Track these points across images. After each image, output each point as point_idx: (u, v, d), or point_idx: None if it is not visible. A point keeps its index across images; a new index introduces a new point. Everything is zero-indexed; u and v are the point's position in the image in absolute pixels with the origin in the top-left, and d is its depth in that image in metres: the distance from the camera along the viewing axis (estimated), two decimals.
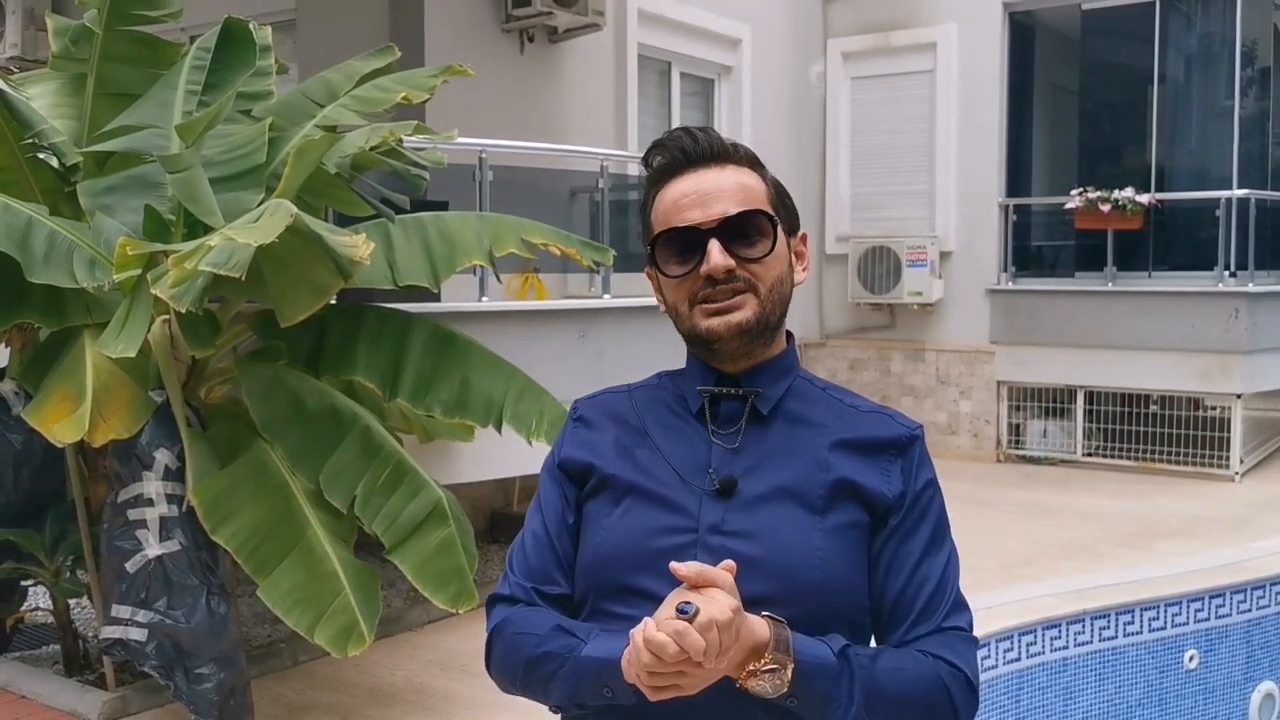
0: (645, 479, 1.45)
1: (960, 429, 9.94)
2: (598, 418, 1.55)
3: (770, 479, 1.42)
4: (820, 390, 1.53)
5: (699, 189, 1.44)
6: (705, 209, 1.42)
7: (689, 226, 1.42)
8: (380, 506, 3.93)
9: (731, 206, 1.43)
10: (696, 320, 1.44)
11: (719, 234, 1.42)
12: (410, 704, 4.46)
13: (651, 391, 1.56)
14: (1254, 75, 9.57)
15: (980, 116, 9.77)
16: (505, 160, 6.14)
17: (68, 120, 4.42)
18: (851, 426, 1.47)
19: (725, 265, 1.41)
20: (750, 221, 1.44)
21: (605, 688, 1.34)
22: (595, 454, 1.51)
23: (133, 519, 3.83)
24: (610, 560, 1.44)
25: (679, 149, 1.47)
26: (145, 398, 3.87)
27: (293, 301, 3.77)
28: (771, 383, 1.48)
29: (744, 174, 1.47)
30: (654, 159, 1.49)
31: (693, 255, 1.43)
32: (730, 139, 1.50)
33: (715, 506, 1.41)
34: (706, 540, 1.39)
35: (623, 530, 1.44)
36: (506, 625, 1.49)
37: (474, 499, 6.58)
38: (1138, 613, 5.51)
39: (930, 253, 9.67)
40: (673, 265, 1.45)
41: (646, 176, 1.52)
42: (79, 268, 3.81)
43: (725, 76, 9.61)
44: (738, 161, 1.48)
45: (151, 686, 4.28)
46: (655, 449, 1.47)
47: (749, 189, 1.46)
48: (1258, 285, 8.88)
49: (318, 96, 4.58)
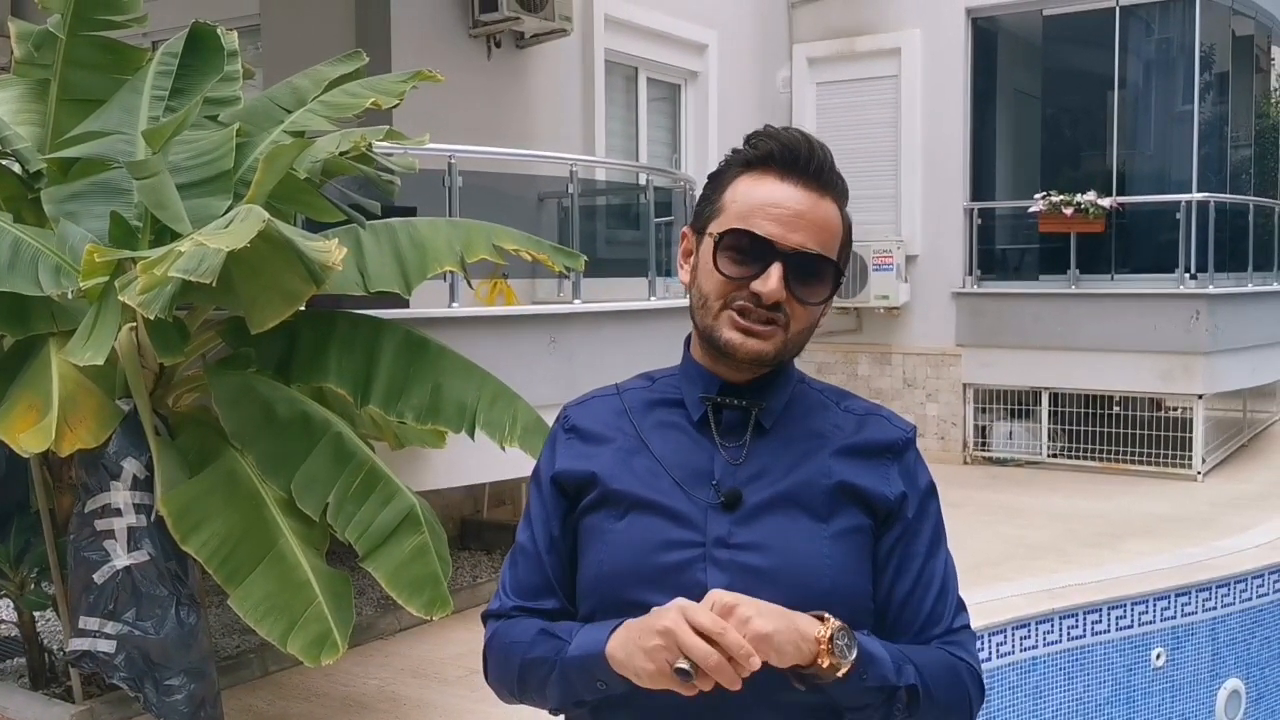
0: (647, 490, 1.42)
1: (927, 431, 10.00)
2: (592, 426, 1.51)
3: (773, 488, 1.41)
4: (818, 394, 1.52)
5: (793, 206, 1.39)
6: (789, 230, 1.38)
7: (766, 239, 1.38)
8: (353, 514, 3.89)
9: (812, 242, 1.39)
10: (722, 326, 1.41)
11: (788, 262, 1.38)
12: (382, 712, 4.43)
13: (642, 394, 1.52)
14: (1212, 80, 9.71)
15: (944, 121, 9.85)
16: (474, 166, 6.12)
17: (31, 126, 4.35)
18: (850, 431, 1.47)
19: (778, 296, 1.38)
20: (822, 267, 1.41)
21: (597, 681, 1.34)
22: (596, 465, 1.47)
23: (100, 529, 3.78)
24: (616, 576, 1.41)
25: (792, 150, 1.41)
26: (112, 406, 3.82)
27: (263, 308, 3.74)
28: (774, 394, 1.47)
29: (835, 214, 1.43)
30: (762, 144, 1.43)
31: (752, 265, 1.39)
32: (835, 166, 1.45)
33: (721, 519, 1.39)
34: (714, 554, 1.37)
35: (628, 545, 1.41)
36: (496, 638, 1.51)
37: (444, 506, 6.54)
38: (1105, 612, 5.56)
39: (896, 257, 9.74)
40: (728, 263, 1.40)
41: (738, 151, 1.45)
42: (44, 275, 3.75)
43: (692, 82, 9.63)
44: (835, 197, 1.43)
45: (120, 699, 4.23)
46: (655, 459, 1.44)
47: (832, 230, 1.42)
48: (1218, 287, 9.02)
49: (285, 102, 4.54)
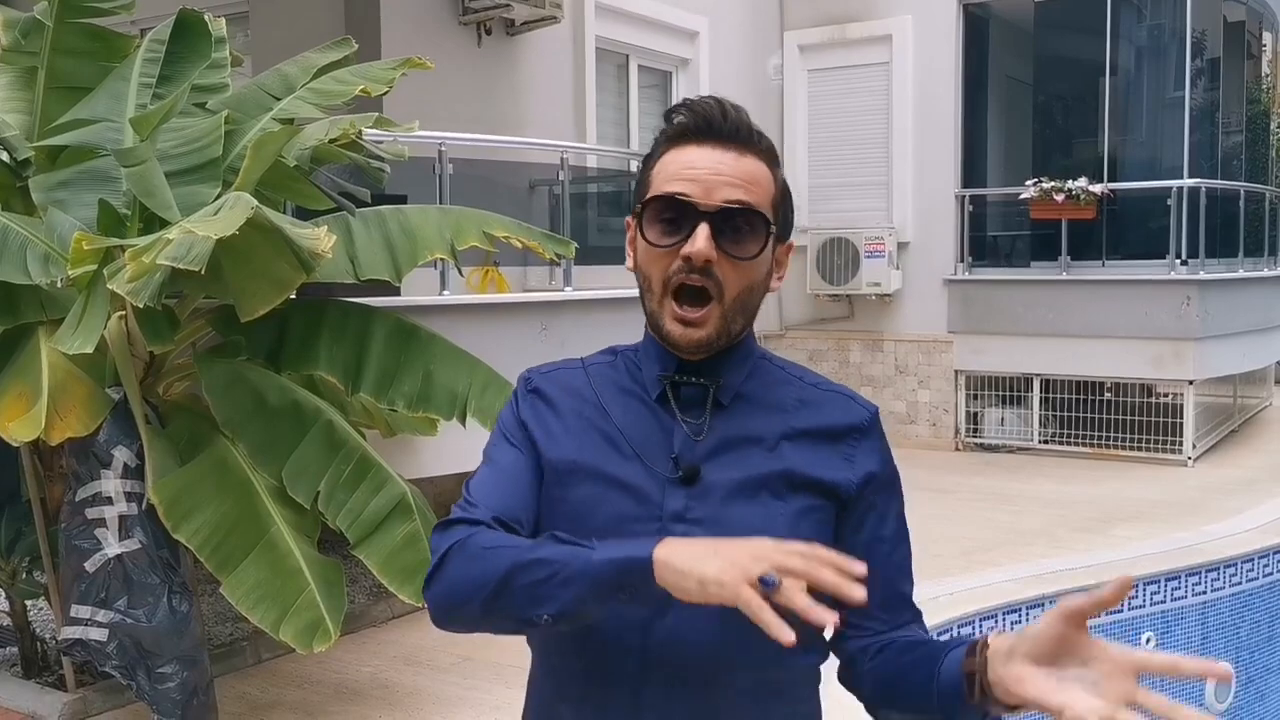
0: (605, 463, 1.41)
1: (919, 418, 10.02)
2: (554, 393, 1.48)
3: (731, 465, 1.40)
4: (780, 369, 1.50)
5: (712, 165, 1.36)
6: (710, 189, 1.35)
7: (686, 200, 1.36)
8: (344, 502, 3.90)
9: (737, 196, 1.36)
10: (663, 316, 1.39)
11: (713, 219, 1.35)
12: (375, 699, 4.44)
13: (606, 369, 1.50)
14: (1203, 66, 9.72)
15: (936, 108, 9.84)
16: (464, 153, 6.11)
17: (19, 114, 4.34)
18: (812, 410, 1.45)
19: (707, 254, 1.34)
20: (747, 219, 1.37)
21: (623, 591, 1.22)
22: (549, 437, 1.44)
23: (91, 518, 3.78)
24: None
25: (704, 117, 1.39)
26: (102, 395, 3.81)
27: (253, 296, 3.74)
28: (731, 370, 1.44)
29: (759, 167, 1.39)
30: (676, 117, 1.41)
31: (680, 230, 1.36)
32: (758, 128, 1.43)
33: (677, 494, 1.38)
34: (670, 529, 1.36)
35: (586, 518, 1.39)
36: (474, 540, 1.32)
37: (435, 493, 6.54)
38: None
39: (888, 244, 9.74)
40: (656, 233, 1.38)
41: (661, 131, 1.43)
42: (33, 264, 3.75)
43: (683, 69, 9.62)
44: (757, 153, 1.40)
45: (113, 687, 4.23)
46: (616, 429, 1.43)
47: (759, 185, 1.39)
48: (1208, 273, 9.04)
49: (274, 89, 4.52)
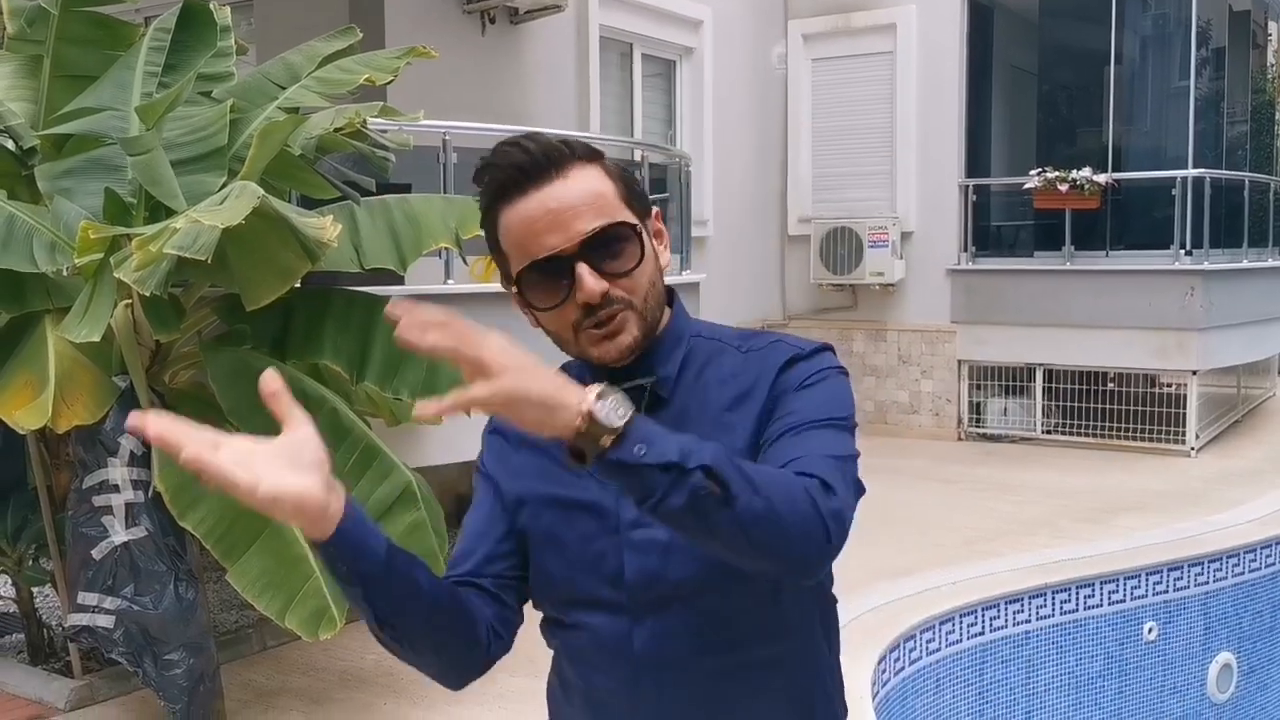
0: (563, 489, 1.43)
1: (921, 408, 10.03)
2: (511, 429, 1.47)
3: None
4: (714, 343, 1.46)
5: (549, 208, 1.31)
6: (563, 231, 1.31)
7: (550, 256, 1.32)
8: (349, 490, 3.90)
9: (590, 222, 1.32)
10: (586, 348, 1.38)
11: (584, 256, 1.31)
12: (381, 687, 4.46)
13: None
14: (1209, 56, 9.70)
15: (940, 98, 9.83)
16: (468, 142, 6.10)
17: (24, 103, 4.35)
18: (747, 374, 1.41)
19: (600, 290, 1.32)
20: (613, 234, 1.33)
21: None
22: (511, 476, 1.48)
23: (98, 505, 3.80)
24: (551, 576, 1.45)
25: (513, 166, 1.33)
26: (109, 383, 3.83)
27: (258, 285, 3.75)
28: (664, 362, 1.42)
29: (589, 175, 1.35)
30: (485, 178, 1.36)
31: (562, 283, 1.33)
32: (560, 137, 1.38)
33: (629, 502, 1.36)
34: (630, 537, 1.39)
35: (560, 546, 1.43)
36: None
37: (439, 482, 6.55)
38: (1098, 586, 5.61)
39: (891, 233, 9.73)
40: (543, 297, 1.35)
41: (481, 194, 1.38)
42: (39, 252, 3.75)
43: (687, 58, 9.60)
44: (577, 162, 1.35)
45: (119, 674, 4.26)
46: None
47: (600, 195, 1.34)
48: (1213, 263, 9.03)
49: (279, 78, 4.52)
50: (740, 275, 9.90)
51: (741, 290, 9.84)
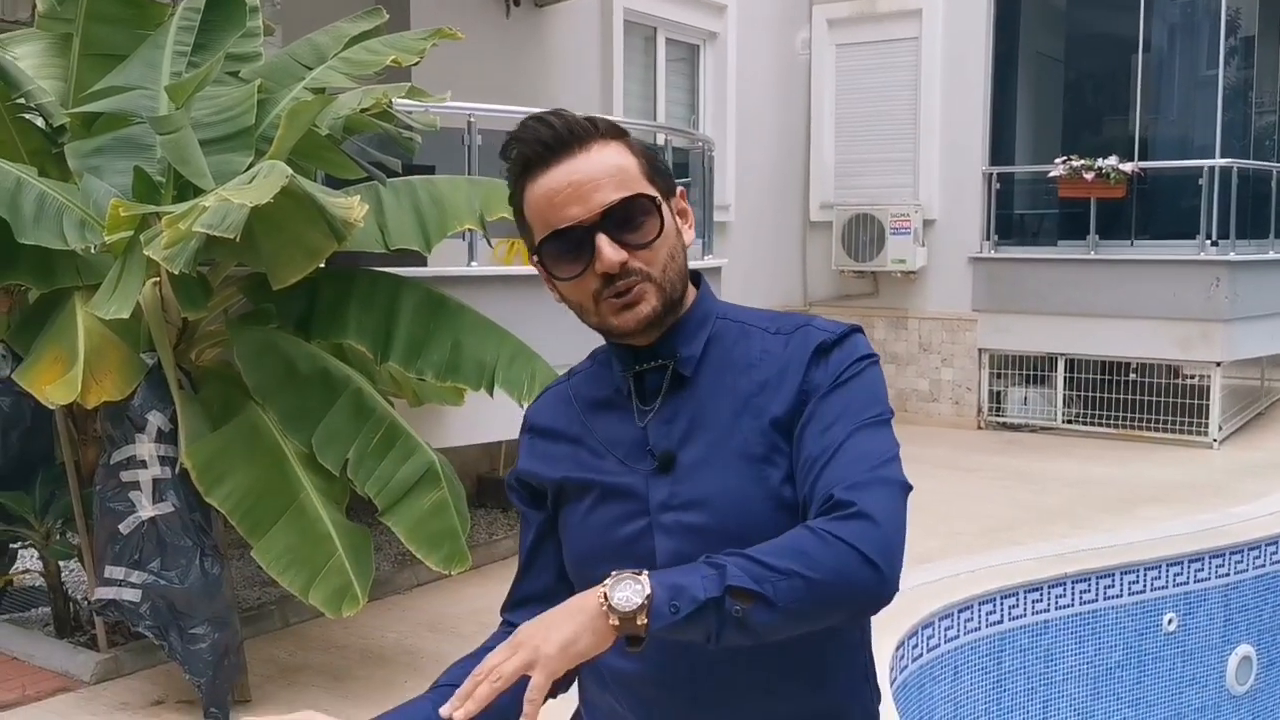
0: (595, 474, 1.45)
1: (942, 396, 10.01)
2: (547, 423, 1.53)
3: (707, 440, 1.41)
4: (740, 325, 1.47)
5: (571, 180, 1.35)
6: (584, 202, 1.35)
7: (571, 226, 1.35)
8: (373, 469, 3.94)
9: (610, 194, 1.35)
10: (606, 317, 1.40)
11: (604, 227, 1.35)
12: (401, 665, 4.49)
13: (586, 377, 1.54)
14: (1237, 44, 9.61)
15: (965, 85, 9.77)
16: (492, 125, 6.11)
17: (54, 81, 4.37)
18: (775, 359, 1.42)
19: (619, 260, 1.35)
20: (633, 207, 1.36)
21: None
22: (547, 464, 1.51)
23: (125, 481, 3.84)
24: (583, 560, 1.47)
25: (538, 141, 1.37)
26: (137, 360, 3.86)
27: (285, 264, 3.78)
28: (688, 341, 1.44)
29: (611, 151, 1.38)
30: (511, 153, 1.40)
31: (582, 253, 1.36)
32: (586, 115, 1.41)
33: (661, 483, 1.41)
34: (660, 520, 1.40)
35: (587, 529, 1.46)
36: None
37: (460, 463, 6.58)
38: (1118, 576, 5.59)
39: (914, 221, 9.70)
40: (564, 267, 1.38)
41: (508, 169, 1.42)
42: (69, 229, 3.79)
43: (710, 43, 9.57)
44: (601, 138, 1.39)
45: (144, 647, 4.30)
46: (597, 441, 1.47)
47: (622, 169, 1.38)
48: (1238, 254, 8.96)
49: (305, 59, 4.54)
50: (762, 261, 9.89)
51: (763, 276, 9.83)
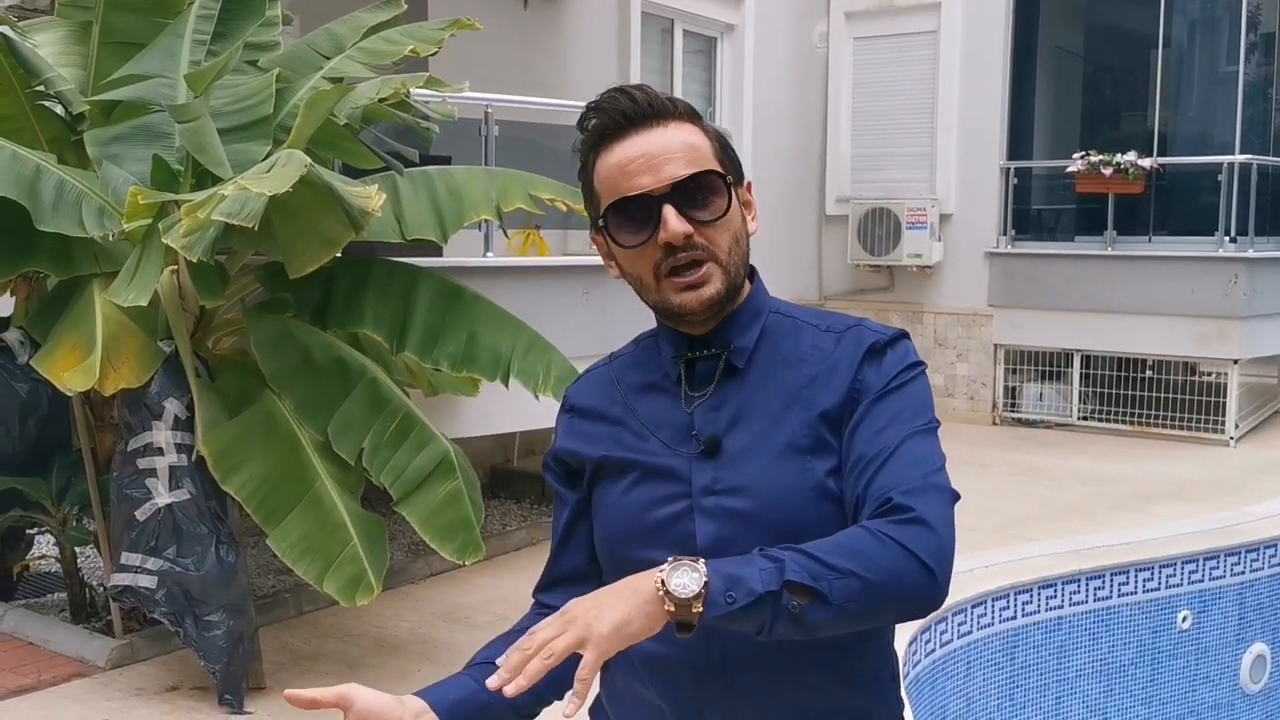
0: (636, 454, 1.45)
1: (957, 391, 9.98)
2: (587, 403, 1.54)
3: (754, 429, 1.41)
4: (792, 320, 1.48)
5: (645, 151, 1.38)
6: (655, 173, 1.37)
7: (640, 194, 1.37)
8: (388, 458, 3.95)
9: (682, 168, 1.37)
10: (667, 294, 1.41)
11: (672, 199, 1.37)
12: (415, 654, 4.51)
13: (630, 360, 1.54)
14: (1258, 40, 9.54)
15: (983, 79, 9.72)
16: (508, 116, 6.11)
17: (74, 69, 4.39)
18: (826, 356, 1.43)
19: (683, 231, 1.36)
20: (703, 183, 1.38)
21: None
22: (587, 443, 1.51)
23: (142, 468, 3.85)
24: (617, 539, 1.47)
25: (618, 111, 1.39)
26: (154, 347, 3.88)
27: (302, 253, 3.78)
28: (742, 332, 1.45)
29: (687, 131, 1.41)
30: (590, 122, 1.42)
31: (647, 223, 1.38)
32: (667, 93, 1.44)
33: (705, 468, 1.41)
34: (701, 503, 1.40)
35: (624, 508, 1.45)
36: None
37: (474, 454, 6.60)
38: (1132, 573, 5.57)
39: (930, 215, 9.66)
40: (627, 235, 1.39)
41: (583, 140, 1.44)
42: (88, 217, 3.80)
43: (728, 35, 9.55)
44: (678, 117, 1.41)
45: (159, 633, 4.32)
46: (640, 423, 1.47)
47: (696, 148, 1.40)
48: (1257, 251, 8.90)
49: (324, 48, 4.55)
50: (777, 254, 9.86)
51: (778, 270, 9.80)
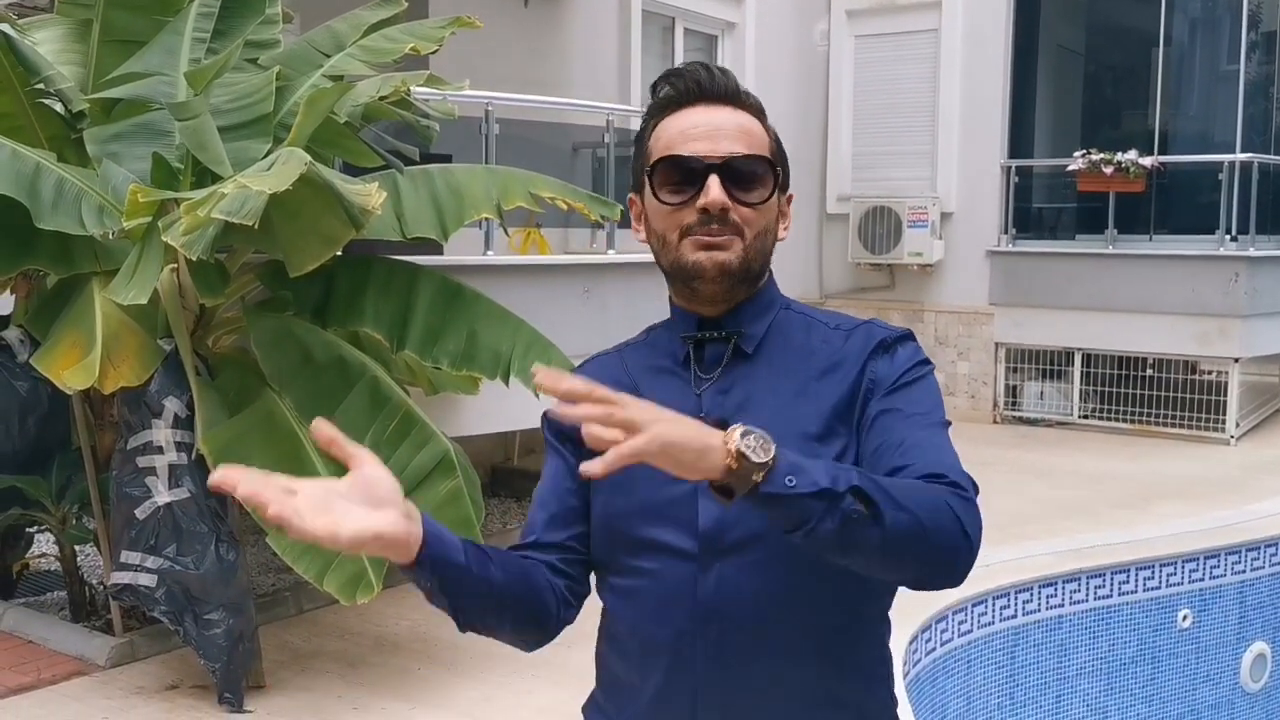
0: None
1: (958, 390, 9.98)
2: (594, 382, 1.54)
3: (762, 415, 1.41)
4: (803, 317, 1.54)
5: (710, 123, 1.43)
6: (713, 143, 1.42)
7: (693, 156, 1.42)
8: (388, 457, 3.94)
9: (739, 147, 1.43)
10: (684, 252, 1.44)
11: (722, 171, 1.41)
12: (414, 652, 4.51)
13: (640, 348, 1.57)
14: (1259, 39, 9.53)
15: (984, 77, 9.72)
16: (508, 114, 6.11)
17: (74, 66, 4.39)
18: (836, 350, 1.48)
19: (723, 201, 1.40)
20: (754, 166, 1.44)
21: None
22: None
23: (142, 466, 3.85)
24: (619, 515, 1.46)
25: (694, 80, 1.45)
26: (154, 346, 3.87)
27: (302, 251, 3.78)
28: (753, 321, 1.49)
29: (752, 121, 1.46)
30: (663, 88, 1.47)
31: (691, 187, 1.42)
32: (740, 85, 1.49)
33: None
34: (705, 486, 1.37)
35: (626, 486, 1.43)
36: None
37: (474, 452, 6.59)
38: (1133, 572, 5.57)
39: (931, 213, 9.66)
40: (669, 192, 1.43)
41: (651, 103, 1.49)
42: (87, 215, 3.80)
43: (729, 33, 9.55)
44: (748, 108, 1.47)
45: (159, 632, 4.32)
46: (648, 402, 1.46)
47: (755, 136, 1.46)
48: (1258, 249, 8.90)
49: (324, 46, 4.55)
50: (777, 252, 9.74)
51: (778, 268, 9.60)
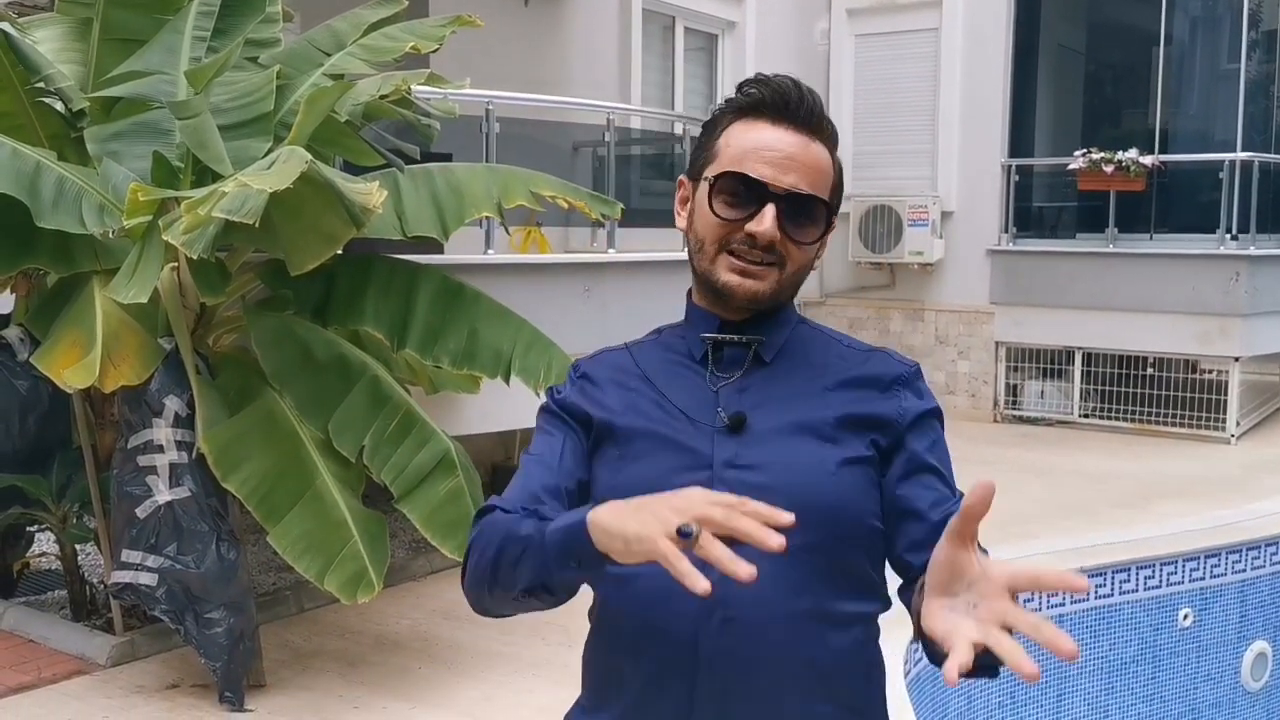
0: (653, 424, 1.45)
1: (958, 389, 9.97)
2: (600, 375, 1.54)
3: (778, 415, 1.44)
4: (818, 333, 1.56)
5: (786, 150, 1.42)
6: (781, 171, 1.41)
7: (758, 180, 1.41)
8: (389, 456, 3.95)
9: (804, 183, 1.42)
10: (719, 268, 1.44)
11: (780, 204, 1.41)
12: (415, 651, 4.50)
13: (650, 346, 1.56)
14: (1259, 38, 9.53)
15: (984, 76, 9.72)
16: (509, 113, 6.10)
17: (74, 65, 4.38)
18: (853, 365, 1.50)
19: (772, 235, 1.41)
20: (813, 206, 1.43)
21: (572, 558, 1.27)
22: (599, 407, 1.49)
23: (143, 465, 3.85)
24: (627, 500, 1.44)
25: (781, 96, 1.44)
26: (155, 345, 3.87)
27: (302, 250, 3.78)
28: (773, 330, 1.49)
29: (825, 154, 1.46)
30: (751, 90, 1.46)
31: (746, 206, 1.42)
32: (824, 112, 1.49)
33: (727, 443, 1.42)
34: (722, 475, 1.39)
35: (637, 473, 1.42)
36: (485, 528, 1.41)
37: (475, 452, 6.58)
38: (1133, 571, 5.56)
39: (931, 212, 9.65)
40: (723, 204, 1.43)
41: (730, 100, 1.48)
42: (88, 213, 3.79)
43: (729, 32, 9.54)
44: (825, 140, 1.46)
45: (160, 631, 4.32)
46: (660, 395, 1.47)
47: (823, 174, 1.45)
48: (1259, 248, 8.89)
49: (324, 45, 4.54)
50: None
51: None
